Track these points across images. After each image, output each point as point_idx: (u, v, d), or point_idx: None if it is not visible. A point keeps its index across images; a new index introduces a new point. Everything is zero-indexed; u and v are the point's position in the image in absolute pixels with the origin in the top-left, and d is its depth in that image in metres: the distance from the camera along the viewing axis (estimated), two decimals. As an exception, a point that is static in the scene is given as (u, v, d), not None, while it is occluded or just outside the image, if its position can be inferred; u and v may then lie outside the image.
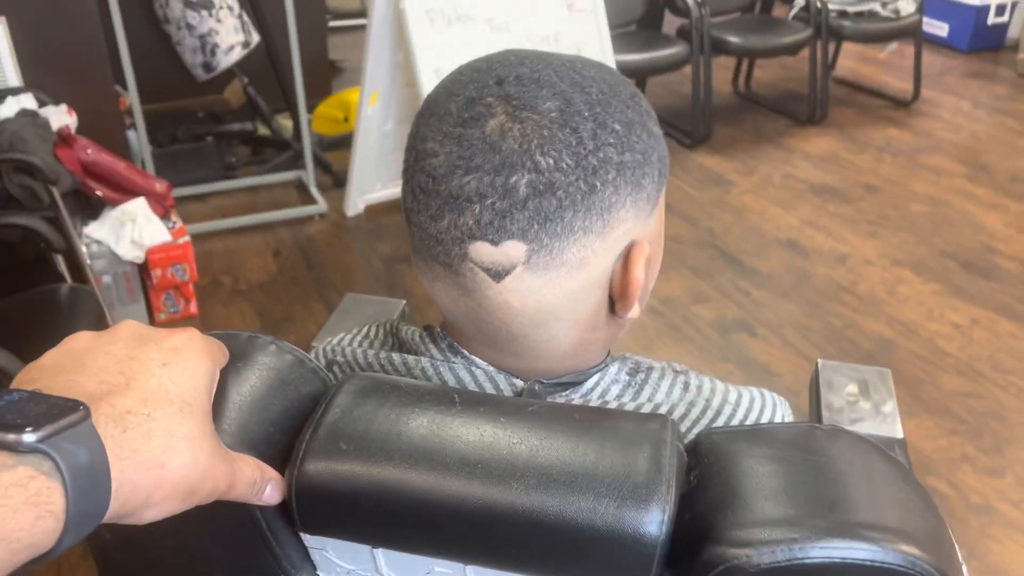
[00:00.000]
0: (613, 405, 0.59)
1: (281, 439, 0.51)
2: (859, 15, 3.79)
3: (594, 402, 0.59)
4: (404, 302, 1.27)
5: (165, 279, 2.27)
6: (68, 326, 1.63)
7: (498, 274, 0.53)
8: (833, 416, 1.07)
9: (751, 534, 0.43)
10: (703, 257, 2.73)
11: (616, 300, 0.57)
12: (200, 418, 0.43)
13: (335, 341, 0.68)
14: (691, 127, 3.57)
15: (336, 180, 3.12)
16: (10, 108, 2.13)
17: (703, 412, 0.60)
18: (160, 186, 2.36)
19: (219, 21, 3.00)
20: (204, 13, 2.97)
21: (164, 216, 2.34)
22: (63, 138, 2.16)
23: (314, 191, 3.01)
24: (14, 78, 2.32)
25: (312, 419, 0.51)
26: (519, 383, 0.59)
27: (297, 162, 3.15)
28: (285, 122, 3.35)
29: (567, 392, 0.59)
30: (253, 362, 0.53)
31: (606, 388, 0.60)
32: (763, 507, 0.45)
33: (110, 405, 0.40)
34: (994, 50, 4.74)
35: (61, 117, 2.21)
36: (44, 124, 2.12)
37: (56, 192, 1.98)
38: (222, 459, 0.44)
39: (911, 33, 3.86)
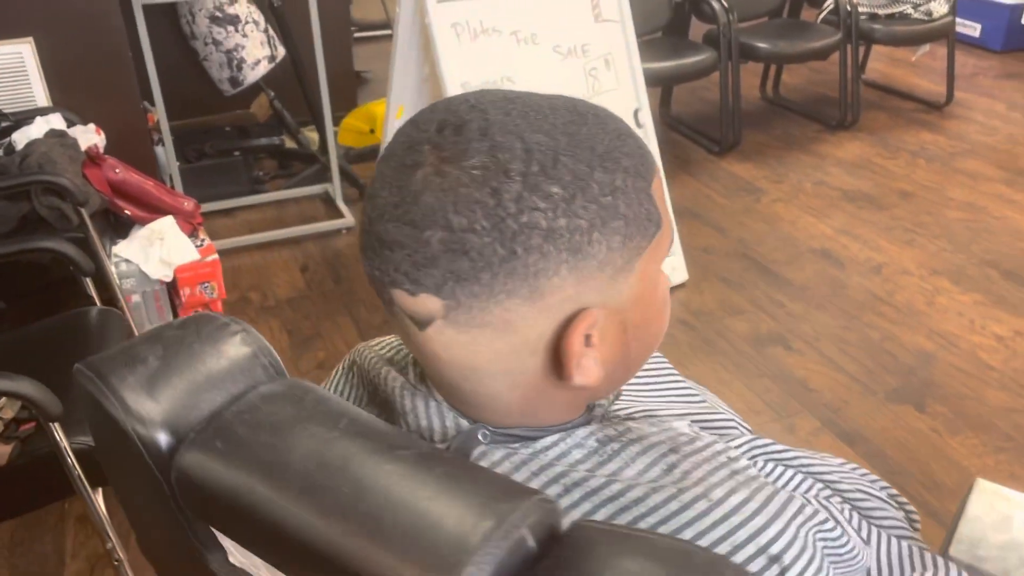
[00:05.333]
0: (557, 469, 0.55)
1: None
2: (890, 17, 3.72)
3: (548, 461, 0.56)
4: None
5: (194, 297, 2.26)
6: (98, 350, 1.63)
7: (420, 323, 0.53)
8: (958, 547, 0.89)
9: None
10: (735, 268, 2.68)
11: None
12: None
13: (374, 343, 0.71)
14: (720, 134, 3.52)
15: (363, 193, 3.11)
16: (39, 129, 2.14)
17: (665, 502, 0.53)
18: (188, 204, 2.36)
19: (245, 36, 3.00)
20: (230, 28, 2.97)
21: (192, 234, 2.34)
22: (91, 158, 2.16)
23: (341, 204, 3.00)
24: (42, 98, 2.34)
25: (216, 411, 0.54)
26: (464, 423, 0.58)
27: (324, 175, 3.14)
28: (312, 135, 3.34)
29: (517, 445, 0.57)
30: (213, 348, 0.57)
31: (567, 450, 0.57)
32: None
33: None
34: (1029, 50, 4.64)
35: (89, 136, 2.22)
36: (73, 144, 2.13)
37: (85, 213, 1.98)
38: None
39: (944, 35, 3.79)
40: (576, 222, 0.50)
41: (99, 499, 1.58)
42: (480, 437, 0.57)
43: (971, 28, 4.69)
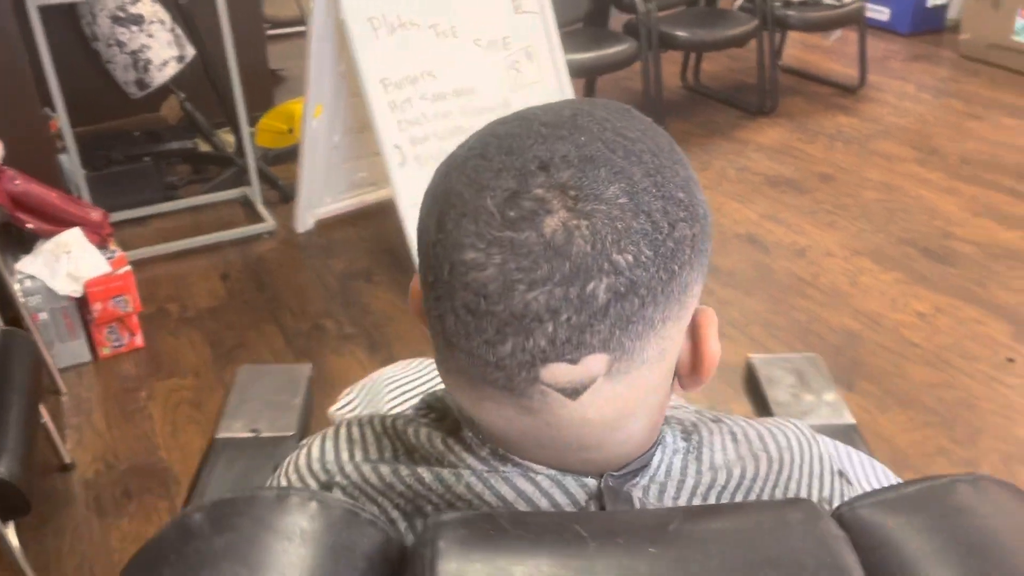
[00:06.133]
0: (689, 482, 0.54)
1: None
2: (803, 4, 3.79)
3: (661, 479, 0.54)
4: (310, 366, 1.13)
5: (107, 312, 2.15)
6: (3, 375, 1.53)
7: (575, 391, 0.45)
8: (782, 412, 1.05)
9: None
10: (664, 257, 2.68)
11: (686, 376, 0.51)
12: None
13: (316, 453, 0.58)
14: (643, 123, 3.52)
15: (284, 195, 3.02)
16: (-73, 140, 2.00)
17: (770, 466, 0.56)
18: (96, 214, 2.24)
19: (151, 36, 2.87)
20: (134, 29, 2.84)
21: (101, 245, 2.22)
22: (-13, 169, 2.04)
23: (261, 208, 2.90)
24: (-69, 107, 2.19)
25: None
26: (591, 482, 0.51)
27: (242, 178, 3.04)
28: (227, 137, 3.22)
29: (637, 478, 0.53)
30: (302, 534, 0.42)
31: (670, 463, 0.54)
32: None
33: None
34: (935, 32, 4.79)
35: (-16, 147, 2.09)
36: (-35, 156, 2.00)
37: (-18, 228, 1.86)
38: None
39: (855, 20, 3.88)
40: (701, 223, 0.47)
41: (11, 532, 1.49)
42: (611, 484, 0.52)
43: (880, 12, 4.81)
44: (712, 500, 0.55)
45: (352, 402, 0.88)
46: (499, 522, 0.44)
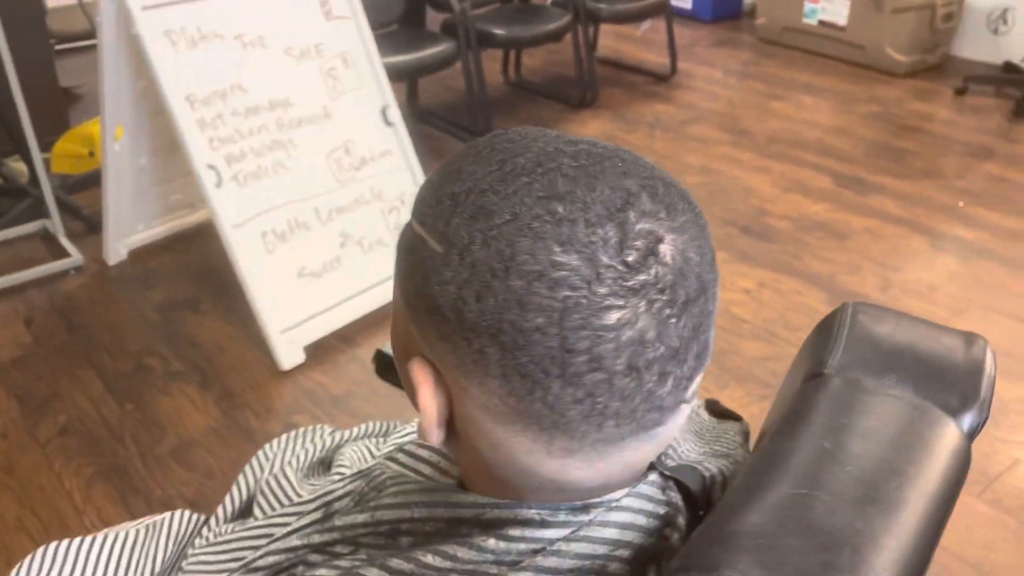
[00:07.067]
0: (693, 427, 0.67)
1: None
2: (612, -4, 3.90)
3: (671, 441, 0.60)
4: None
5: None
6: None
7: (695, 393, 0.47)
8: None
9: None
10: (502, 257, 2.68)
11: None
12: None
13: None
14: (469, 123, 3.51)
15: (90, 226, 2.77)
16: None
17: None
18: None
19: (-88, 59, 2.55)
20: None
21: None
22: None
23: (65, 241, 2.65)
24: None
25: None
26: (654, 476, 0.52)
27: (39, 210, 2.76)
28: (18, 166, 2.93)
29: (668, 451, 0.58)
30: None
31: None
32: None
33: None
34: (734, 18, 5.08)
35: None
36: None
37: None
38: None
39: (662, 9, 4.03)
40: None
41: None
42: (668, 465, 0.55)
43: (683, 1, 5.04)
44: (690, 436, 0.63)
45: None
46: (742, 536, 0.45)
